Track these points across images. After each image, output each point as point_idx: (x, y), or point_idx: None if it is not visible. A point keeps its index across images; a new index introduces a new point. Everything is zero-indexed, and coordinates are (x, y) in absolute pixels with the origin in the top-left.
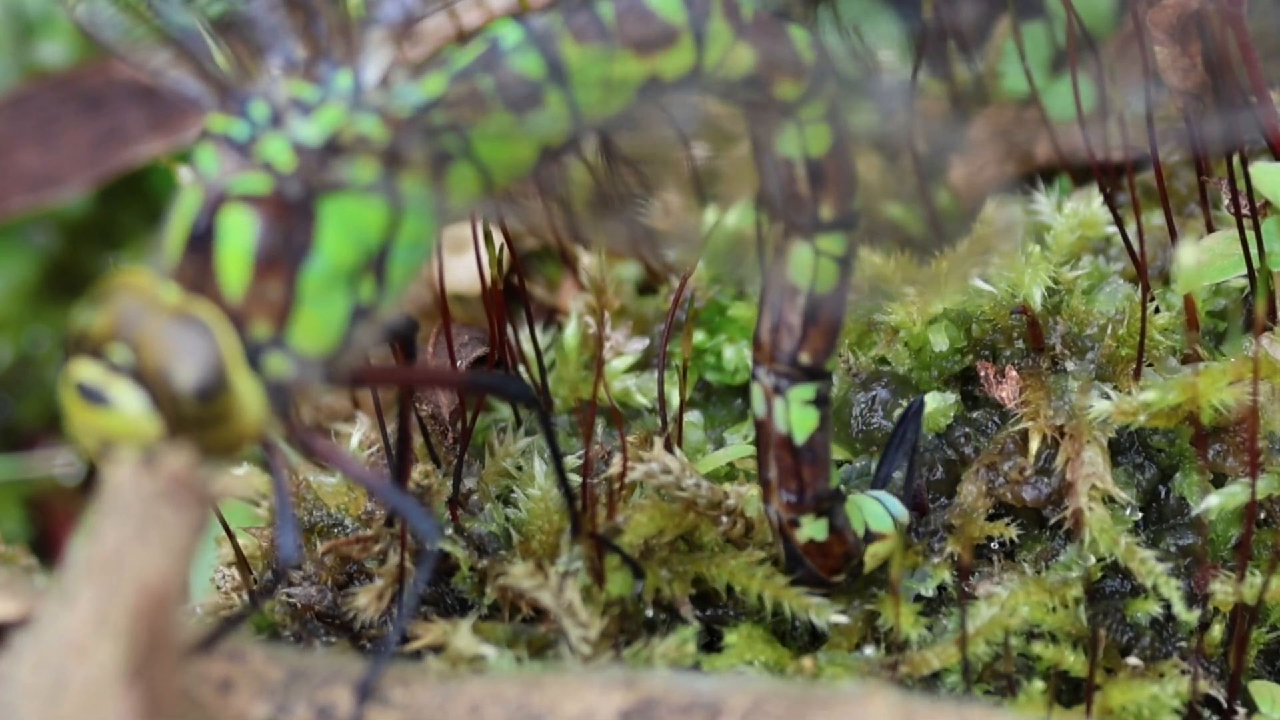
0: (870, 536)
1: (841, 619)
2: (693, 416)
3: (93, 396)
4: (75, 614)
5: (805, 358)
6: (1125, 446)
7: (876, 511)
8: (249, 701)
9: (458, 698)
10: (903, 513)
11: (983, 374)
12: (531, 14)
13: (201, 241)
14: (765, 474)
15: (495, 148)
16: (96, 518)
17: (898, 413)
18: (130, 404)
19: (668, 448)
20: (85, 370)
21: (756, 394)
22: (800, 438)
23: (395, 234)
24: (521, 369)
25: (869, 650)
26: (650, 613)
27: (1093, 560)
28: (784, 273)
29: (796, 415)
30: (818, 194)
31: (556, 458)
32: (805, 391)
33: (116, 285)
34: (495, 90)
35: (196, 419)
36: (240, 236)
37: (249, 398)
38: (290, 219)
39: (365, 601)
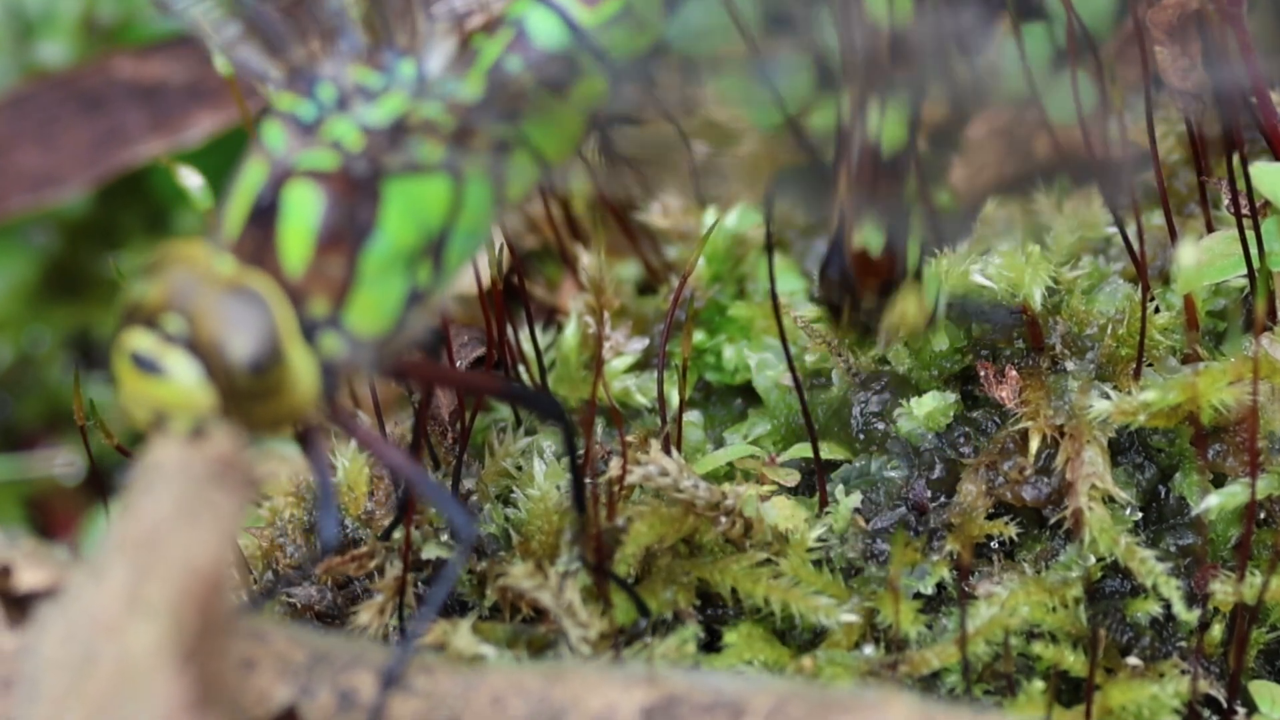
0: (919, 280)
1: (851, 618)
2: (693, 416)
3: (147, 366)
4: (107, 590)
5: (898, 83)
6: (1125, 446)
7: (931, 280)
8: (272, 682)
9: (480, 688)
10: (943, 310)
11: (983, 374)
12: None
13: (264, 215)
14: (838, 169)
15: (547, 130)
16: (133, 496)
17: (898, 412)
18: (184, 374)
19: (665, 449)
20: (140, 340)
21: (846, 102)
22: (888, 150)
23: (455, 219)
24: (521, 369)
25: (869, 649)
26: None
27: (1093, 560)
28: (861, 14)
29: (890, 127)
30: None
31: (577, 479)
32: (902, 108)
33: (171, 256)
34: (536, 80)
35: (249, 391)
36: (305, 212)
37: (302, 372)
38: (355, 197)
39: (368, 618)
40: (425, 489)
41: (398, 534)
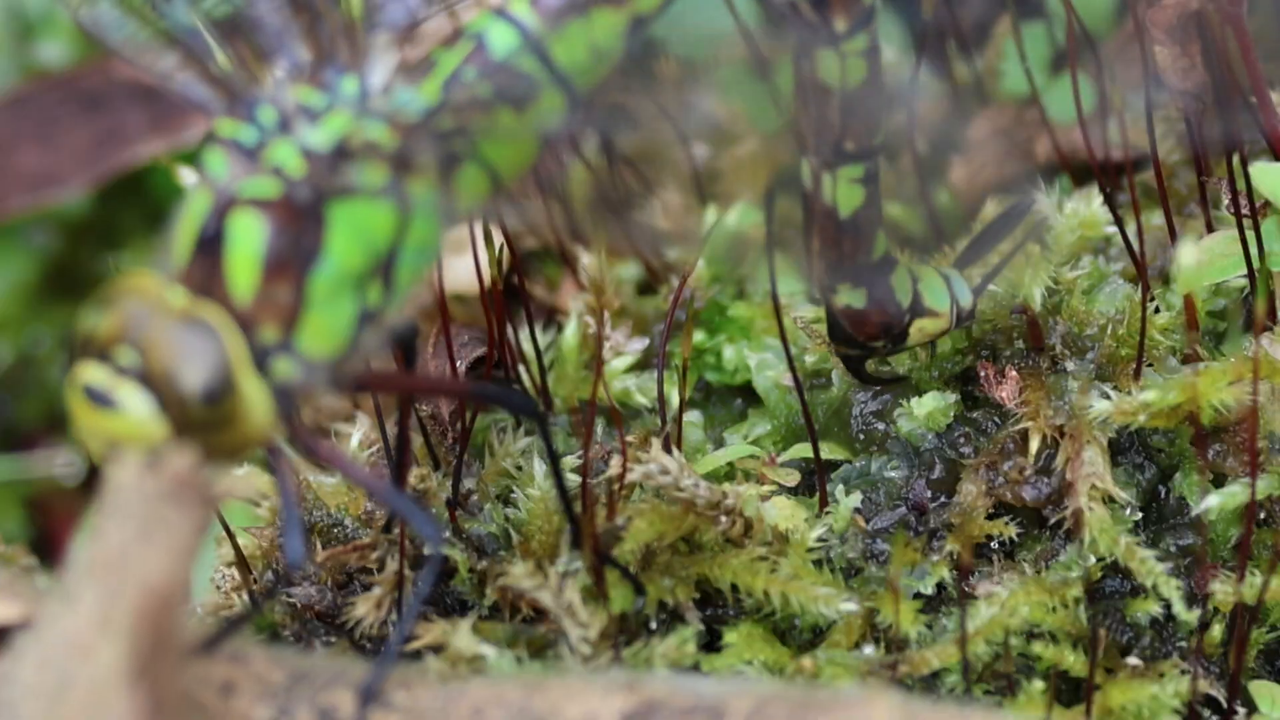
0: (921, 309)
1: (851, 608)
2: (693, 416)
3: (99, 399)
4: (78, 614)
5: (850, 145)
6: (1125, 446)
7: (936, 287)
8: (251, 704)
9: (460, 700)
10: (967, 298)
11: (983, 374)
12: (508, 4)
13: (210, 245)
14: (808, 241)
15: (500, 146)
16: (99, 518)
17: (898, 412)
18: (137, 407)
19: (666, 448)
20: (92, 373)
21: (805, 168)
22: (845, 212)
23: (403, 238)
24: (521, 369)
25: (868, 649)
26: (652, 620)
27: (1093, 560)
28: (816, 77)
29: (843, 192)
30: None
31: (556, 470)
32: (853, 170)
33: (123, 288)
34: (493, 92)
35: (203, 422)
36: (250, 240)
37: (256, 401)
38: (300, 223)
39: (364, 611)
40: (392, 503)
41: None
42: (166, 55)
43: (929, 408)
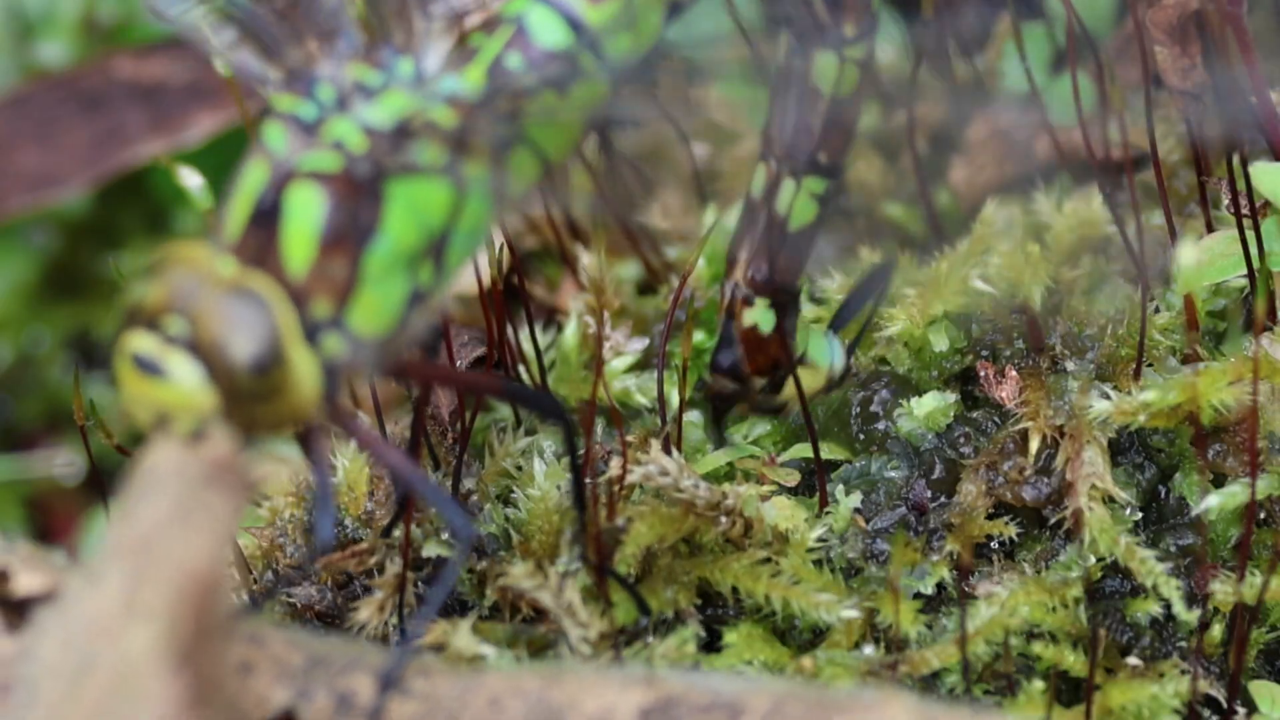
0: (805, 359)
1: (852, 614)
2: (693, 416)
3: (148, 368)
4: (104, 594)
5: (823, 157)
6: (1125, 446)
7: (821, 345)
8: (269, 685)
9: (478, 690)
10: (841, 363)
11: (983, 374)
12: None
13: (266, 217)
14: (736, 251)
15: (547, 128)
16: (129, 499)
17: (898, 412)
18: (186, 376)
19: (666, 449)
20: (141, 341)
21: (760, 173)
22: (795, 224)
23: (457, 219)
24: (521, 369)
25: (869, 649)
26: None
27: (1093, 560)
28: (808, 79)
29: (801, 203)
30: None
31: (578, 479)
32: (817, 184)
33: (173, 258)
34: (537, 77)
35: (251, 393)
36: (308, 213)
37: (304, 373)
38: (358, 199)
39: (367, 615)
40: (424, 490)
41: (398, 531)
42: (224, 32)
43: (929, 408)
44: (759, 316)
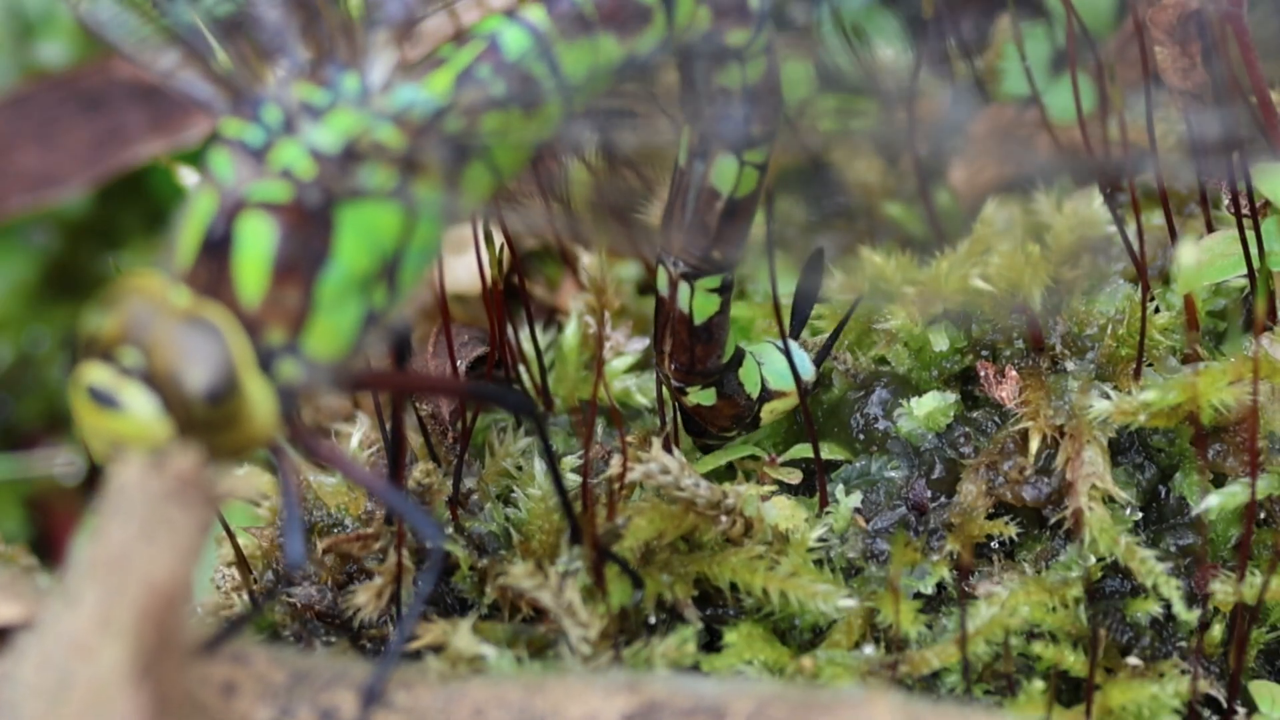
0: (769, 394)
1: (850, 604)
2: None
3: (103, 400)
4: (80, 613)
5: (717, 254)
6: (1125, 446)
7: (779, 370)
8: (252, 704)
9: (461, 700)
10: (809, 370)
11: (983, 374)
12: (521, 9)
13: (217, 247)
14: (660, 345)
15: (505, 147)
16: (101, 518)
17: (898, 412)
18: (141, 407)
19: (666, 448)
20: (96, 373)
21: (662, 276)
22: (699, 319)
23: (409, 240)
24: (522, 369)
25: (869, 649)
26: (651, 617)
27: (1093, 560)
28: (707, 180)
29: (699, 301)
30: (751, 113)
31: (554, 468)
32: (711, 281)
33: (126, 288)
34: (506, 92)
35: (207, 422)
36: (259, 244)
37: (259, 401)
38: (309, 227)
39: (365, 599)
40: (392, 503)
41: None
42: (168, 53)
43: (929, 408)
44: (699, 397)
